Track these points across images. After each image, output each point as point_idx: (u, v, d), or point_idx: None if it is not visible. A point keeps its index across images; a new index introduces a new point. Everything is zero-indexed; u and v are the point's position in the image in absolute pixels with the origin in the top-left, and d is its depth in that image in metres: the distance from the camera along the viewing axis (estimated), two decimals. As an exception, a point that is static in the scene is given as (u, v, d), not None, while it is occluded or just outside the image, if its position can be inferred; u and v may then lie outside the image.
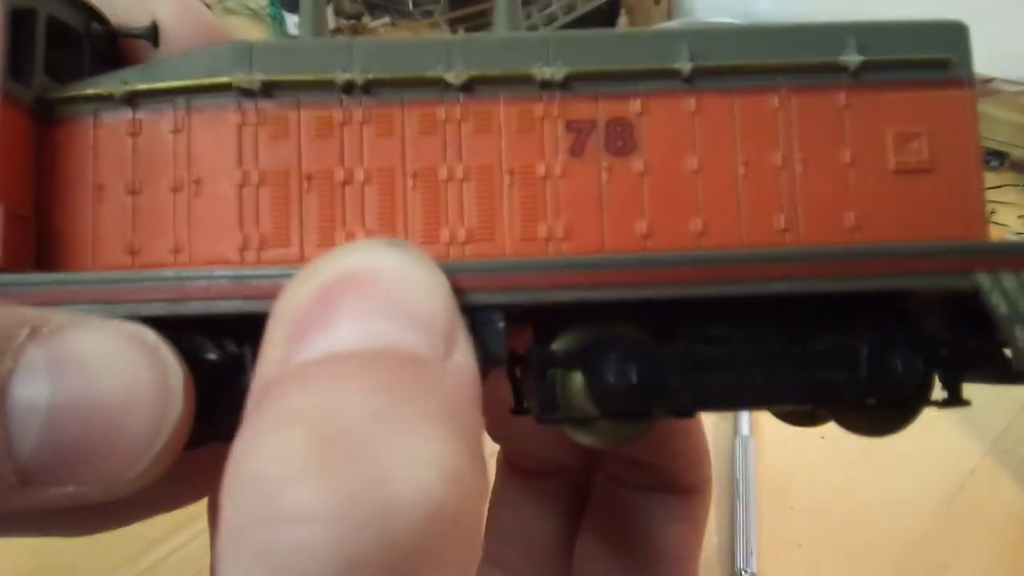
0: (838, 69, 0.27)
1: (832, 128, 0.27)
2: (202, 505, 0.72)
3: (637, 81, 0.27)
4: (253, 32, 1.61)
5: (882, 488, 0.70)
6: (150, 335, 0.21)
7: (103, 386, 0.19)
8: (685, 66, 0.27)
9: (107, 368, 0.20)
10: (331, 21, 1.49)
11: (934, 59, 0.27)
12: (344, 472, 0.17)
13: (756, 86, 0.27)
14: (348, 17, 1.59)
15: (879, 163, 0.27)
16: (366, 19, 1.59)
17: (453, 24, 1.48)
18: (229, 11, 1.66)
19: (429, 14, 1.52)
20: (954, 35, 0.28)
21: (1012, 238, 0.90)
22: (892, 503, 0.69)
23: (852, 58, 0.27)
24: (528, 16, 1.34)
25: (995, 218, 1.00)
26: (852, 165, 0.27)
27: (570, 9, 1.36)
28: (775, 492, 0.71)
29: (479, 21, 1.44)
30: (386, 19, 1.59)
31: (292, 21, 1.48)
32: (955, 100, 0.28)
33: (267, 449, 0.17)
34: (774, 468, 0.72)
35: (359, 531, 0.16)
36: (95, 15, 0.28)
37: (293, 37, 1.43)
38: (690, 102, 0.27)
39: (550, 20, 1.35)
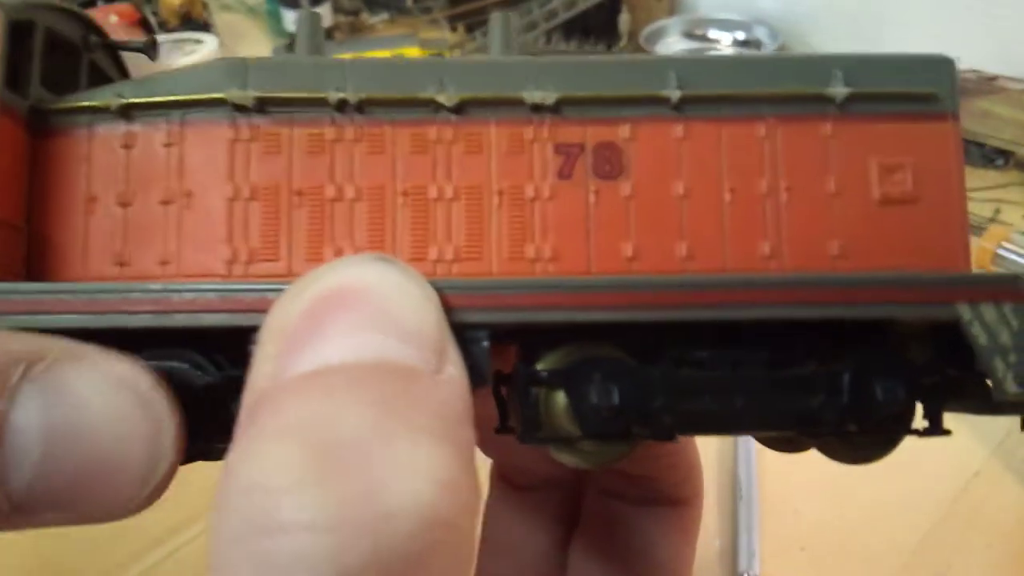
0: (825, 100, 0.28)
1: (817, 157, 0.28)
2: (201, 506, 0.71)
3: (626, 107, 0.28)
4: (250, 29, 1.61)
5: (885, 490, 0.69)
6: (144, 382, 0.21)
7: (97, 432, 0.20)
8: (674, 93, 0.27)
9: (101, 415, 0.20)
10: (329, 17, 1.49)
11: (920, 93, 0.28)
12: (340, 482, 0.17)
13: (743, 115, 0.28)
14: (347, 13, 1.58)
15: (864, 193, 0.27)
16: (364, 15, 1.58)
17: (452, 21, 1.47)
18: (226, 7, 1.65)
19: (428, 10, 1.52)
20: (940, 69, 0.28)
21: (1017, 236, 0.90)
22: (895, 505, 0.69)
23: (839, 89, 0.28)
24: (529, 12, 1.33)
25: (1000, 217, 1.00)
26: (837, 194, 0.27)
27: (571, 5, 1.35)
28: (778, 495, 0.71)
29: (478, 18, 1.43)
30: (384, 15, 1.58)
31: (289, 17, 1.47)
32: (940, 133, 0.28)
33: (262, 459, 0.17)
34: (776, 470, 0.72)
35: (356, 540, 0.16)
36: (93, 28, 0.29)
37: (289, 48, 1.42)
38: (678, 129, 0.28)
39: (551, 16, 1.34)
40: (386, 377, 0.19)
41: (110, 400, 0.20)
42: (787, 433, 0.29)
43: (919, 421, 0.27)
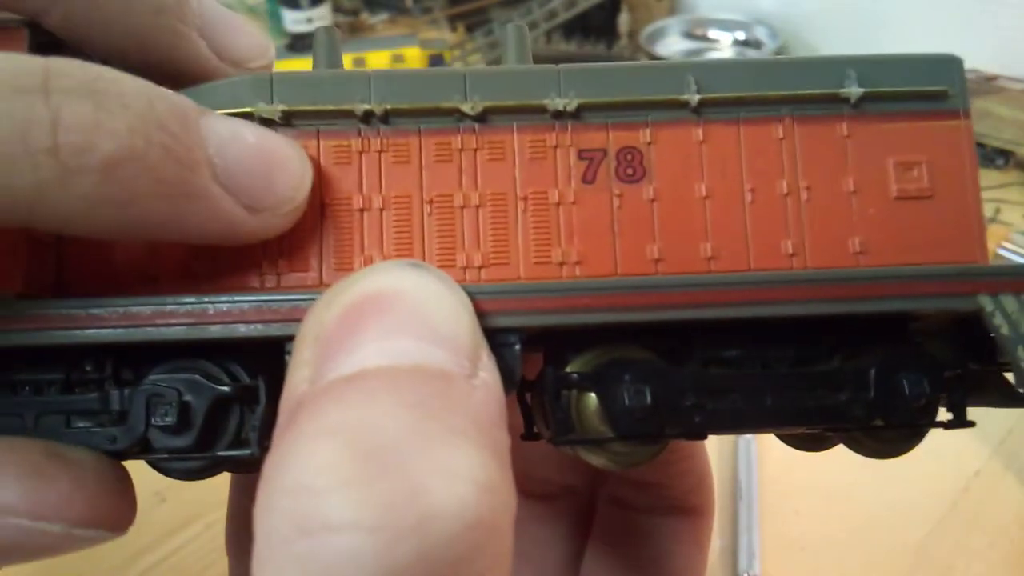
0: (840, 100, 0.28)
1: (835, 157, 0.28)
2: (200, 507, 0.71)
3: (647, 111, 0.28)
4: (251, 28, 1.60)
5: (886, 490, 0.69)
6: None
7: (269, 140, 0.25)
8: (693, 97, 0.28)
9: (264, 133, 0.25)
10: (329, 17, 1.49)
11: (932, 91, 0.29)
12: (383, 483, 0.17)
13: (761, 116, 0.28)
14: (347, 13, 1.58)
15: (881, 190, 0.28)
16: (364, 15, 1.59)
17: (452, 21, 1.47)
18: (226, 7, 1.65)
19: (428, 10, 1.52)
20: (950, 68, 0.29)
21: (1017, 236, 0.90)
22: (896, 506, 0.69)
23: (853, 90, 0.28)
24: (529, 12, 1.33)
25: (1000, 217, 1.00)
26: (855, 192, 0.28)
27: (571, 5, 1.35)
28: (778, 495, 0.70)
29: (478, 18, 1.43)
30: (384, 15, 1.58)
31: (289, 18, 1.47)
32: (953, 130, 0.29)
33: (305, 461, 0.17)
34: (777, 470, 0.72)
35: (399, 541, 0.16)
36: None
37: (289, 48, 1.43)
38: (698, 132, 0.28)
39: (551, 16, 1.34)
40: (423, 381, 0.19)
41: (263, 130, 0.25)
42: (814, 430, 0.29)
43: (943, 414, 0.27)
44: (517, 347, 0.24)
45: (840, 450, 0.30)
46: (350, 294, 0.21)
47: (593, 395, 0.26)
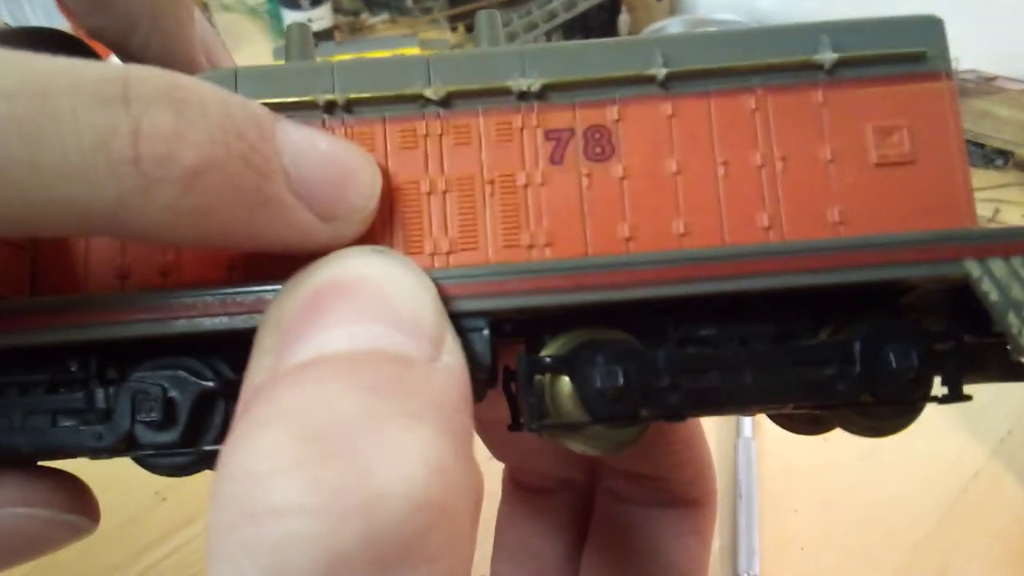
0: (813, 67, 0.27)
1: (810, 126, 0.27)
2: (200, 507, 0.71)
3: (613, 88, 0.27)
4: (250, 29, 1.61)
5: (885, 490, 0.69)
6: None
7: (341, 148, 0.25)
8: (660, 72, 0.27)
9: (335, 142, 0.25)
10: (329, 17, 1.48)
11: (910, 53, 0.28)
12: (328, 465, 0.17)
13: (732, 88, 0.28)
14: (347, 13, 1.58)
15: (860, 158, 0.27)
16: (364, 16, 1.58)
17: (452, 21, 1.47)
18: (226, 8, 1.65)
19: (428, 11, 1.52)
20: (929, 28, 0.28)
21: (987, 227, 0.90)
22: (895, 505, 0.69)
23: (827, 56, 0.27)
24: (528, 12, 1.33)
25: (999, 217, 0.99)
26: (833, 161, 0.27)
27: (571, 6, 1.35)
28: (777, 494, 0.70)
29: (479, 18, 1.43)
30: (384, 15, 1.58)
31: (289, 18, 1.47)
32: (934, 92, 0.28)
33: (253, 447, 0.17)
34: (776, 470, 0.72)
35: (344, 523, 0.16)
36: (85, 50, 0.29)
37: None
38: (666, 106, 0.27)
39: (551, 17, 1.34)
40: (380, 364, 0.19)
41: (335, 138, 0.25)
42: (804, 410, 0.28)
43: (939, 390, 0.26)
44: (486, 332, 0.23)
45: (840, 450, 0.30)
46: (312, 281, 0.21)
47: (567, 379, 0.25)
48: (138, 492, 0.69)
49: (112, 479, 0.33)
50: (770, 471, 0.72)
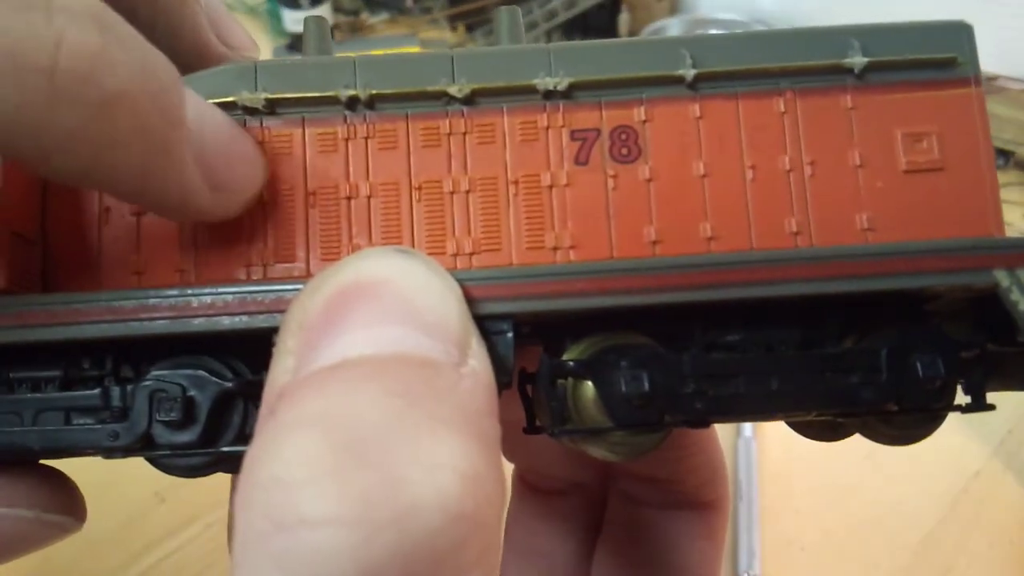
0: (843, 71, 0.27)
1: (839, 130, 0.27)
2: (199, 507, 0.71)
3: (640, 88, 0.27)
4: (250, 29, 1.60)
5: (886, 490, 0.69)
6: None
7: (235, 126, 0.25)
8: (688, 72, 0.27)
9: (224, 123, 0.25)
10: (330, 17, 1.48)
11: (940, 59, 0.27)
12: (361, 475, 0.16)
13: (760, 90, 0.27)
14: (347, 13, 1.58)
15: (889, 164, 0.27)
16: (364, 15, 1.58)
17: (452, 21, 1.47)
18: (226, 7, 1.65)
19: (428, 11, 1.51)
20: (959, 34, 0.28)
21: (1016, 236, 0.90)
22: (896, 505, 0.69)
23: (857, 60, 0.27)
24: (529, 12, 1.33)
25: (999, 217, 1.00)
26: (861, 166, 0.27)
27: (571, 5, 1.35)
28: (778, 494, 0.70)
29: (478, 18, 1.43)
30: (384, 15, 1.58)
31: (289, 17, 1.46)
32: (963, 99, 0.27)
33: (283, 454, 0.17)
34: (777, 470, 0.72)
35: (377, 534, 0.16)
36: None
37: (290, 48, 1.42)
38: (694, 108, 0.27)
39: (551, 16, 1.34)
40: (407, 369, 0.19)
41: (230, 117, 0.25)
42: (827, 417, 0.28)
43: (961, 398, 0.26)
44: (510, 335, 0.23)
45: (840, 450, 0.30)
46: (336, 281, 0.20)
47: (590, 383, 0.25)
48: (137, 493, 0.69)
49: (112, 480, 0.33)
50: (771, 471, 0.72)
